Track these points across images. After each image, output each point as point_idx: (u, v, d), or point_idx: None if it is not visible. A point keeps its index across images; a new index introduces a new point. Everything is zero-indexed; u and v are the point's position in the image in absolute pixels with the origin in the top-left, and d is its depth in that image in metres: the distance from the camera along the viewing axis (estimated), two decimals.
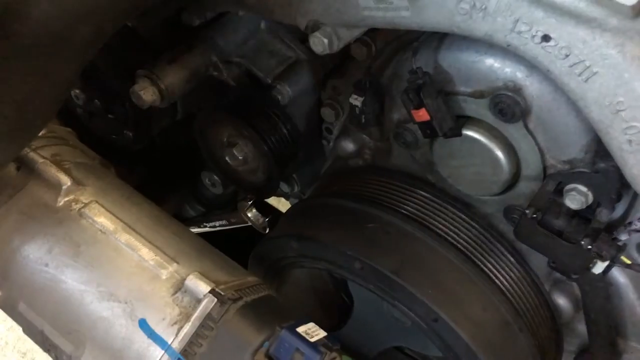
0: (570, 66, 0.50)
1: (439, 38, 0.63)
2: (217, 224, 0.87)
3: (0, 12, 0.44)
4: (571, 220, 0.61)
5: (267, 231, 0.83)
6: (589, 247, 0.59)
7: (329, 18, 0.63)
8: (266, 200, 0.93)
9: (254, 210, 0.81)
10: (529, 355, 0.69)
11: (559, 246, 0.61)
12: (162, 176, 1.03)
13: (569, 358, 0.82)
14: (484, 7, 0.52)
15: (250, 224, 0.82)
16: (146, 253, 0.61)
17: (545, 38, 0.50)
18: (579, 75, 0.50)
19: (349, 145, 0.79)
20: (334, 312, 0.91)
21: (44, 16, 0.46)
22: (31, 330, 0.62)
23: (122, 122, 0.92)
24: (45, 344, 0.62)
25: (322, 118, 0.82)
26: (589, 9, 0.47)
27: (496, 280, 0.68)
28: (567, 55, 0.50)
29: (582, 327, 0.76)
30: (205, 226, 0.90)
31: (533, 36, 0.50)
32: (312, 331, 0.60)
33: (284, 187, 0.93)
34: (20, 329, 0.63)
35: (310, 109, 0.83)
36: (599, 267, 0.60)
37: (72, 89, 0.53)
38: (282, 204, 1.03)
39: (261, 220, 0.82)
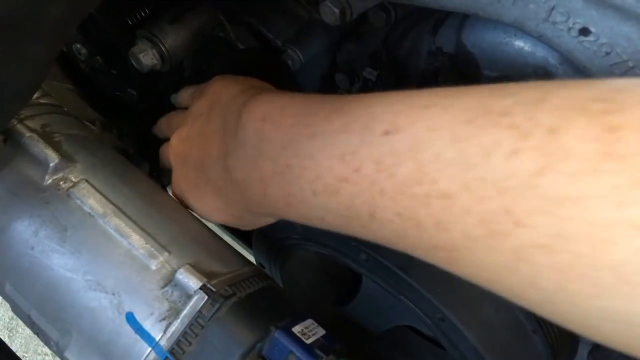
0: (611, 65, 0.43)
1: (464, 15, 0.56)
2: None
3: None
4: None
5: None
6: None
7: None
8: None
9: None
10: (541, 356, 0.65)
11: None
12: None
13: (586, 349, 0.79)
14: None
15: None
16: (136, 240, 0.57)
17: (584, 31, 0.43)
18: (621, 76, 0.44)
19: None
20: (343, 285, 0.87)
21: None
22: (18, 312, 0.60)
23: (125, 79, 0.87)
24: (33, 327, 0.59)
25: (334, 86, 0.76)
26: (637, 4, 0.40)
27: None
28: (607, 53, 0.43)
29: None
30: None
31: (570, 28, 0.43)
32: (309, 330, 0.57)
33: None
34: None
35: (322, 76, 0.77)
36: None
37: (49, 69, 0.48)
38: None
39: None
